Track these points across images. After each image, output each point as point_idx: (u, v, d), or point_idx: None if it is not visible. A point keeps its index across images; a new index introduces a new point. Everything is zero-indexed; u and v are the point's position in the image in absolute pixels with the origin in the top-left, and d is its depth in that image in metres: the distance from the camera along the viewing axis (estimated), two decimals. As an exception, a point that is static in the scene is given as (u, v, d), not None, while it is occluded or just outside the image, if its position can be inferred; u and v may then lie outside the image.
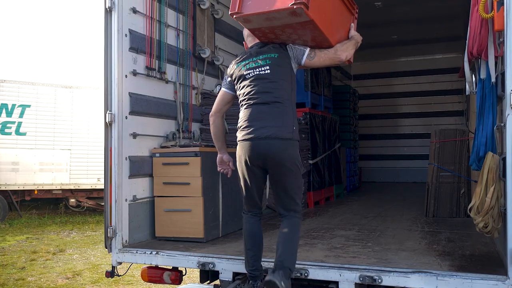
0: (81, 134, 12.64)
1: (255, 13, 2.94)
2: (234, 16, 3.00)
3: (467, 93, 3.63)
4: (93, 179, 12.59)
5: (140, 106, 4.11)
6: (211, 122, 3.39)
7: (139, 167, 4.07)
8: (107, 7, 3.79)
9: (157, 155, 4.20)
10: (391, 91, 11.24)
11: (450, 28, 8.35)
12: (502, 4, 2.74)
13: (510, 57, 2.69)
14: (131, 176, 3.97)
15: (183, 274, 3.89)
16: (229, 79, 3.31)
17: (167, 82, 4.48)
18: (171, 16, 4.59)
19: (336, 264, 3.15)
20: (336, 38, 3.20)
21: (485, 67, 3.06)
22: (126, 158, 3.91)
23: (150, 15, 4.27)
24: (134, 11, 4.06)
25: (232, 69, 3.27)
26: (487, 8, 2.90)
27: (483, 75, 3.09)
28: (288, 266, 2.90)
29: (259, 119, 3.03)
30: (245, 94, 3.14)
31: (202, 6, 5.01)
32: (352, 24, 3.40)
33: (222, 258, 3.42)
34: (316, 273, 3.13)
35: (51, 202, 13.22)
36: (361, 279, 2.99)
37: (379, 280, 2.95)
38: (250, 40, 3.33)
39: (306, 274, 3.13)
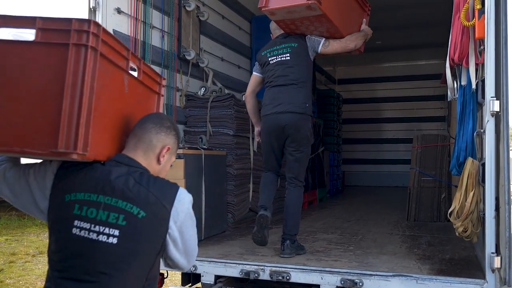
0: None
1: (278, 7, 3.55)
2: (262, 9, 3.63)
3: (448, 99, 3.69)
4: (75, 180, 12.44)
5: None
6: (246, 102, 4.08)
7: (122, 169, 4.02)
8: (91, 7, 3.76)
9: (140, 156, 4.15)
10: (374, 96, 11.35)
11: (433, 34, 8.46)
12: (483, 12, 2.79)
13: (490, 65, 2.75)
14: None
15: (165, 277, 3.86)
16: (258, 64, 3.96)
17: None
18: (156, 17, 4.57)
19: (318, 268, 3.16)
20: (348, 30, 3.79)
21: (466, 74, 3.11)
22: (108, 159, 3.85)
23: (135, 16, 4.24)
24: (119, 11, 4.03)
25: (260, 56, 3.91)
26: (468, 16, 2.94)
27: (464, 82, 3.14)
28: (294, 233, 3.62)
29: (278, 98, 3.65)
30: (268, 77, 3.78)
31: (187, 8, 5.00)
32: (364, 20, 4.04)
33: (204, 261, 3.41)
34: (298, 277, 3.14)
35: (32, 203, 13.02)
36: (342, 282, 3.01)
37: (360, 284, 2.97)
38: (276, 33, 3.96)
39: (288, 278, 3.14)
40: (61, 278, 1.62)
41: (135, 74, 1.93)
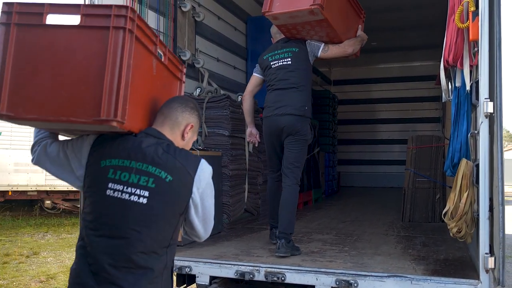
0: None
1: (281, 12, 3.69)
2: (266, 14, 3.78)
3: (443, 101, 3.71)
4: (69, 180, 12.40)
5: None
6: (244, 100, 4.19)
7: (117, 169, 4.01)
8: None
9: (135, 157, 4.15)
10: (370, 97, 11.39)
11: (428, 36, 8.49)
12: (477, 14, 2.80)
13: (484, 67, 2.76)
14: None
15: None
16: (259, 66, 4.12)
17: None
18: (151, 18, 4.56)
19: (313, 268, 3.16)
20: (346, 35, 3.99)
21: (460, 75, 3.13)
22: (103, 160, 3.85)
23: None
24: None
25: (261, 59, 4.06)
26: (463, 18, 2.96)
27: (458, 83, 3.16)
28: (289, 231, 3.65)
29: (279, 101, 3.82)
30: (270, 80, 3.95)
31: (183, 9, 5.00)
32: (360, 26, 4.24)
33: (199, 261, 3.41)
34: (293, 277, 3.14)
35: (26, 203, 12.97)
36: (337, 283, 3.02)
37: (355, 284, 2.98)
38: (277, 37, 4.13)
39: (283, 278, 3.14)
40: (94, 236, 1.80)
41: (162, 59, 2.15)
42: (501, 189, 2.67)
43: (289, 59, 3.88)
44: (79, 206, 3.79)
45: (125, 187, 1.81)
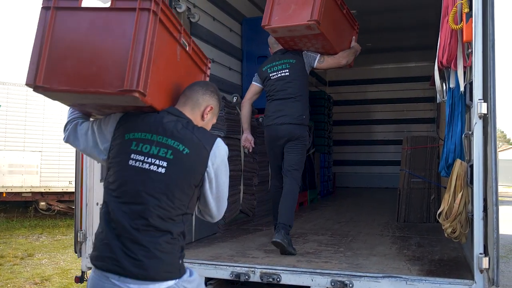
0: (53, 136, 12.39)
1: (280, 26, 3.91)
2: (265, 28, 4.00)
3: (438, 101, 3.72)
4: (64, 182, 12.36)
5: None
6: (242, 107, 4.38)
7: (112, 171, 4.01)
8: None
9: (130, 158, 4.14)
10: (365, 97, 11.41)
11: (423, 37, 8.52)
12: (471, 16, 2.82)
13: (478, 68, 2.77)
14: (103, 179, 3.91)
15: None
16: (258, 76, 4.30)
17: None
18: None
19: (308, 269, 3.17)
20: (340, 47, 4.21)
21: (454, 76, 3.14)
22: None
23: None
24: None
25: (261, 71, 4.25)
26: (456, 20, 2.97)
27: (452, 84, 3.17)
28: (288, 224, 3.80)
29: (278, 110, 4.05)
30: (270, 91, 4.16)
31: (178, 10, 4.98)
32: (354, 37, 4.46)
33: (194, 263, 3.40)
34: (288, 278, 3.14)
35: (20, 205, 12.91)
36: (332, 283, 3.02)
37: (350, 285, 2.98)
38: (274, 47, 4.31)
39: (278, 279, 3.14)
40: (117, 202, 1.97)
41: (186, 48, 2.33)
42: (495, 190, 2.68)
43: (287, 71, 4.09)
44: (74, 207, 3.79)
45: (146, 158, 1.98)
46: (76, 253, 3.75)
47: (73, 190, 3.82)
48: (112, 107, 2.12)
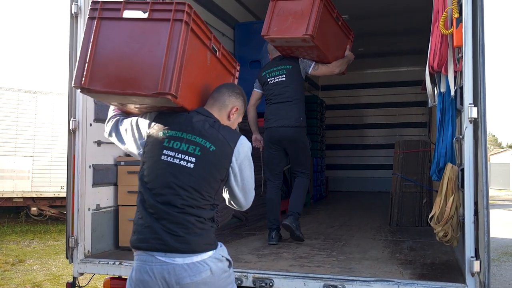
0: (45, 140, 12.32)
1: (278, 37, 4.25)
2: (264, 37, 4.33)
3: (429, 106, 3.75)
4: (56, 187, 12.27)
5: (106, 113, 4.00)
6: (248, 113, 4.65)
7: (103, 176, 4.01)
8: (72, 12, 3.73)
9: (122, 163, 4.14)
10: (357, 102, 11.45)
11: (414, 42, 8.59)
12: (461, 21, 2.85)
13: (468, 72, 2.80)
14: (95, 184, 3.90)
15: None
16: (258, 82, 4.61)
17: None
18: (138, 24, 4.55)
19: (301, 274, 3.17)
20: (334, 57, 4.55)
21: (445, 81, 3.17)
22: (90, 166, 3.84)
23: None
24: (101, 17, 4.01)
25: (260, 76, 4.56)
26: (447, 25, 3.00)
27: (443, 89, 3.19)
28: (297, 211, 4.32)
29: (277, 113, 4.34)
30: (268, 95, 4.49)
31: (170, 14, 4.99)
32: (348, 46, 4.78)
33: (187, 268, 3.38)
34: (281, 283, 3.14)
35: (12, 210, 12.79)
36: (325, 288, 3.02)
37: (343, 289, 2.98)
38: (273, 53, 4.65)
39: (271, 284, 3.13)
40: (150, 192, 2.18)
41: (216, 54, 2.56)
42: (485, 193, 2.70)
43: (284, 76, 4.42)
44: (65, 212, 3.78)
45: (176, 154, 2.19)
46: (67, 258, 3.72)
47: (65, 195, 3.79)
48: (148, 107, 2.34)
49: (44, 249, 9.46)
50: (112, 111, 2.51)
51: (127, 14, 2.30)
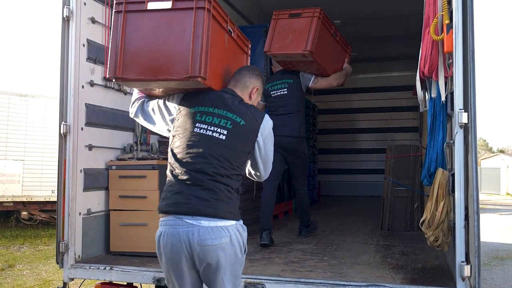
0: (36, 144, 12.23)
1: (279, 53, 4.61)
2: (267, 53, 4.70)
3: (420, 111, 3.77)
4: (47, 191, 12.18)
5: (97, 117, 4.03)
6: None
7: (95, 180, 3.98)
8: (64, 16, 3.73)
9: (114, 167, 4.12)
10: (349, 106, 11.48)
11: (406, 47, 8.61)
12: (452, 27, 2.87)
13: (459, 78, 2.82)
14: (86, 189, 3.88)
15: (138, 290, 3.81)
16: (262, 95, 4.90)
17: (125, 93, 4.42)
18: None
19: (292, 279, 3.16)
20: (333, 70, 4.91)
21: (435, 86, 3.19)
22: (81, 170, 3.82)
23: (110, 26, 4.21)
24: (93, 21, 4.00)
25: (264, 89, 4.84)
26: (437, 31, 3.02)
27: (434, 94, 3.22)
28: (306, 224, 4.94)
29: (279, 125, 4.29)
30: (271, 107, 4.80)
31: (162, 19, 4.99)
32: (346, 59, 5.15)
33: (178, 273, 3.37)
34: (272, 288, 3.14)
35: (2, 215, 12.68)
36: (316, 293, 3.02)
37: (334, 294, 2.99)
38: (276, 67, 5.01)
39: (262, 289, 3.13)
40: (183, 162, 2.34)
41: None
42: (476, 198, 2.71)
43: (286, 90, 4.76)
44: (56, 217, 3.75)
45: (209, 126, 2.38)
46: (58, 263, 3.69)
47: (56, 199, 3.76)
48: (176, 89, 2.53)
49: (35, 254, 9.38)
50: (136, 94, 2.68)
51: (151, 5, 2.43)
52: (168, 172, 2.40)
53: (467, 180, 2.80)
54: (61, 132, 3.69)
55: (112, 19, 2.49)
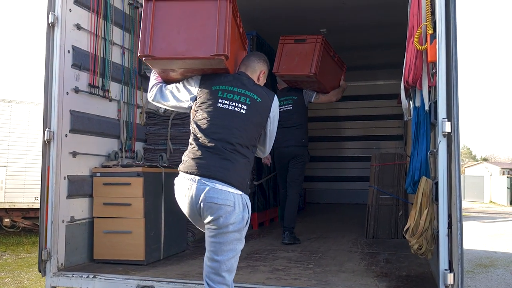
0: (19, 150, 12.06)
1: (286, 74, 5.24)
2: (275, 73, 5.28)
3: (405, 119, 3.80)
4: (30, 198, 12.00)
5: (82, 124, 4.00)
6: None
7: (79, 187, 3.94)
8: (49, 22, 3.70)
9: (98, 174, 4.09)
10: (335, 114, 11.52)
11: (391, 55, 8.70)
12: (435, 37, 2.91)
13: (442, 88, 2.86)
14: (70, 196, 3.84)
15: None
16: None
17: (110, 100, 4.40)
18: (116, 34, 4.53)
19: (277, 287, 3.17)
20: (331, 87, 5.61)
21: (419, 95, 3.22)
22: (64, 177, 3.78)
23: (95, 32, 4.20)
24: (78, 27, 3.98)
25: None
26: (421, 41, 3.07)
27: (417, 103, 3.25)
28: (291, 226, 5.19)
29: (284, 136, 5.16)
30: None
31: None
32: (342, 77, 5.85)
33: (162, 281, 3.35)
34: (257, 296, 3.13)
35: (-17, 222, 12.47)
36: (301, 301, 3.02)
37: (319, 302, 2.99)
38: (282, 84, 5.62)
39: (247, 297, 3.12)
40: (207, 133, 2.65)
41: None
42: (459, 206, 2.74)
43: (291, 105, 5.39)
44: (39, 224, 3.70)
45: (231, 102, 2.71)
46: (40, 272, 3.64)
47: (39, 206, 3.71)
48: (195, 70, 2.81)
49: (17, 261, 9.22)
50: (154, 80, 2.97)
51: None
52: (191, 140, 2.72)
53: (450, 189, 2.83)
54: (45, 138, 3.65)
55: (143, 6, 2.82)
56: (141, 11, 4.88)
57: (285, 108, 5.38)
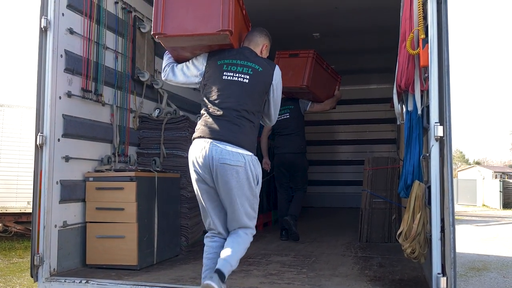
0: (11, 155, 11.97)
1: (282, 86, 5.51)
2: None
3: (398, 123, 3.82)
4: (22, 202, 11.91)
5: (74, 128, 3.98)
6: (262, 143, 6.05)
7: (71, 192, 3.92)
8: (42, 26, 3.69)
9: (91, 179, 4.07)
10: (328, 118, 11.53)
11: (384, 60, 8.74)
12: (427, 42, 2.93)
13: (434, 92, 2.87)
14: (62, 201, 3.81)
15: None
16: None
17: (103, 104, 4.38)
18: (109, 38, 4.52)
19: (271, 291, 3.15)
20: (325, 96, 6.03)
21: (412, 100, 3.24)
22: (57, 182, 3.76)
23: (88, 37, 4.18)
24: (71, 32, 3.96)
25: None
26: (413, 45, 3.08)
27: (410, 107, 3.27)
28: (295, 214, 5.69)
29: (283, 143, 5.79)
30: (277, 128, 5.80)
31: (142, 30, 4.98)
32: (337, 87, 6.24)
33: (156, 286, 3.34)
34: (250, 300, 3.12)
35: (-25, 227, 12.35)
36: (295, 305, 3.02)
37: (313, 306, 2.99)
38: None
39: (240, 302, 3.12)
40: (215, 103, 2.97)
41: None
42: (451, 210, 2.75)
43: (288, 114, 5.79)
44: (31, 229, 3.68)
45: (235, 74, 3.01)
46: (32, 277, 3.61)
47: (31, 211, 3.69)
48: (203, 47, 3.10)
49: (9, 266, 9.15)
50: (166, 60, 3.24)
51: None
52: (203, 111, 3.03)
53: (443, 193, 2.84)
54: (38, 143, 3.64)
55: None
56: (134, 16, 4.89)
57: (283, 117, 5.73)
